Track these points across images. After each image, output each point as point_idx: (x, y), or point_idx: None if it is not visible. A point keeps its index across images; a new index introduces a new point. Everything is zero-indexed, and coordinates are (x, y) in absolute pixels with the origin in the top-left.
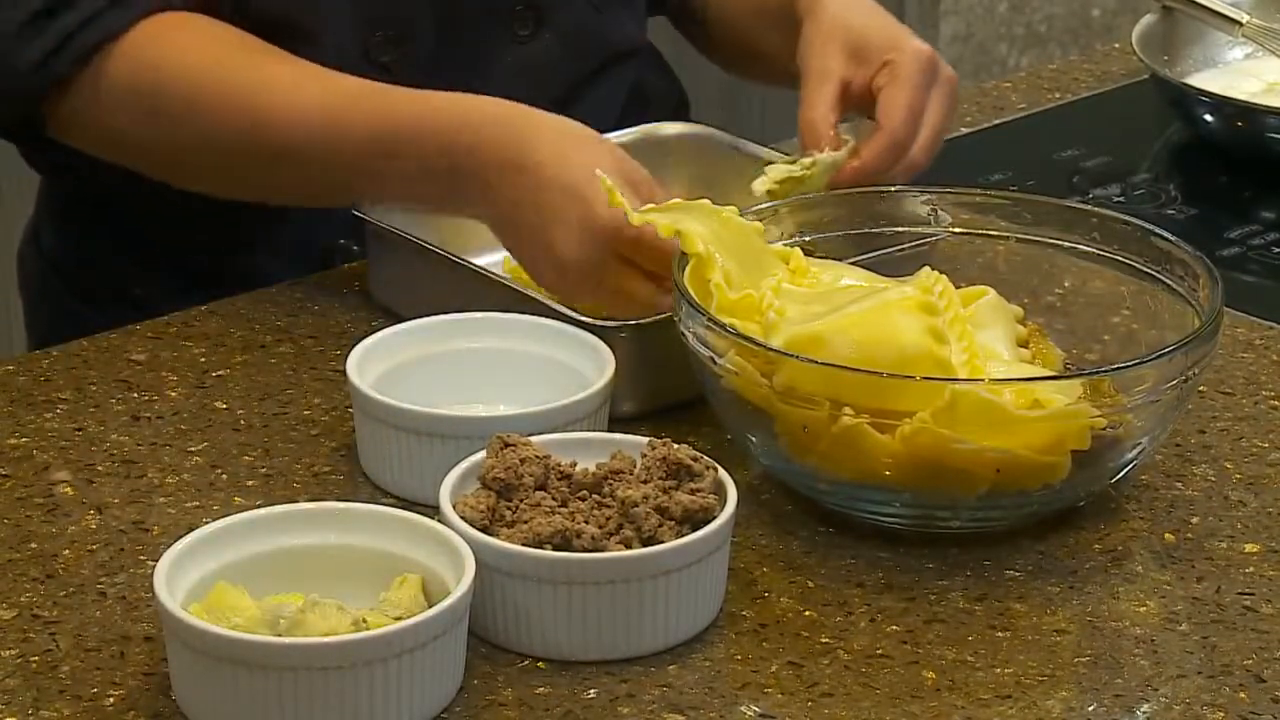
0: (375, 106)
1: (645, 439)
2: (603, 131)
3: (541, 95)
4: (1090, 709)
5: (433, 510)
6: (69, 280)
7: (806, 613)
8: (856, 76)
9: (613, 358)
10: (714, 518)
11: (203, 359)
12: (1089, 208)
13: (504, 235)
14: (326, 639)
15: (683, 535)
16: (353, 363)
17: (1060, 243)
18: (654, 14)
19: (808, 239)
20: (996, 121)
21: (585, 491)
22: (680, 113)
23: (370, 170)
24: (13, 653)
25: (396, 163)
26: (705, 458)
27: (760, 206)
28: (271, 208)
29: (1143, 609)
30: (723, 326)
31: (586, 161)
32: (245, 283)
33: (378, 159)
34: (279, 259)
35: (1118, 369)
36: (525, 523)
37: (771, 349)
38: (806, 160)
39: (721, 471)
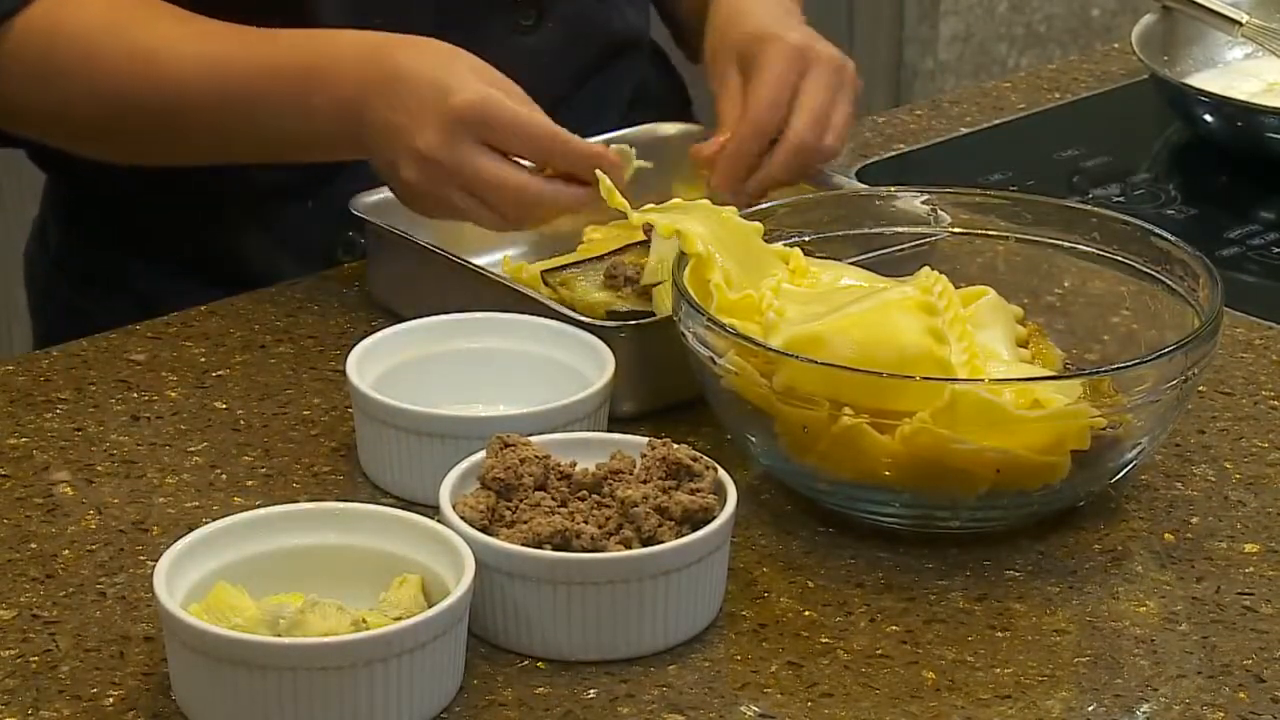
0: (255, 54)
1: (645, 439)
2: (604, 129)
3: (542, 86)
4: (1090, 709)
5: (433, 510)
6: (73, 277)
7: (806, 613)
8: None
9: (613, 358)
10: (714, 518)
11: (203, 359)
12: (1089, 208)
13: (367, 146)
14: (326, 639)
15: (683, 535)
16: (353, 363)
17: (1060, 243)
18: None
19: (808, 239)
20: (996, 121)
21: (585, 491)
22: (683, 111)
23: (248, 119)
24: (13, 653)
25: (267, 106)
26: (705, 458)
27: (760, 206)
28: (275, 202)
29: (1143, 609)
30: (723, 326)
31: (442, 57)
32: (248, 279)
33: (253, 105)
34: (282, 254)
35: (1118, 369)
36: (525, 523)
37: (771, 349)
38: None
39: (721, 471)
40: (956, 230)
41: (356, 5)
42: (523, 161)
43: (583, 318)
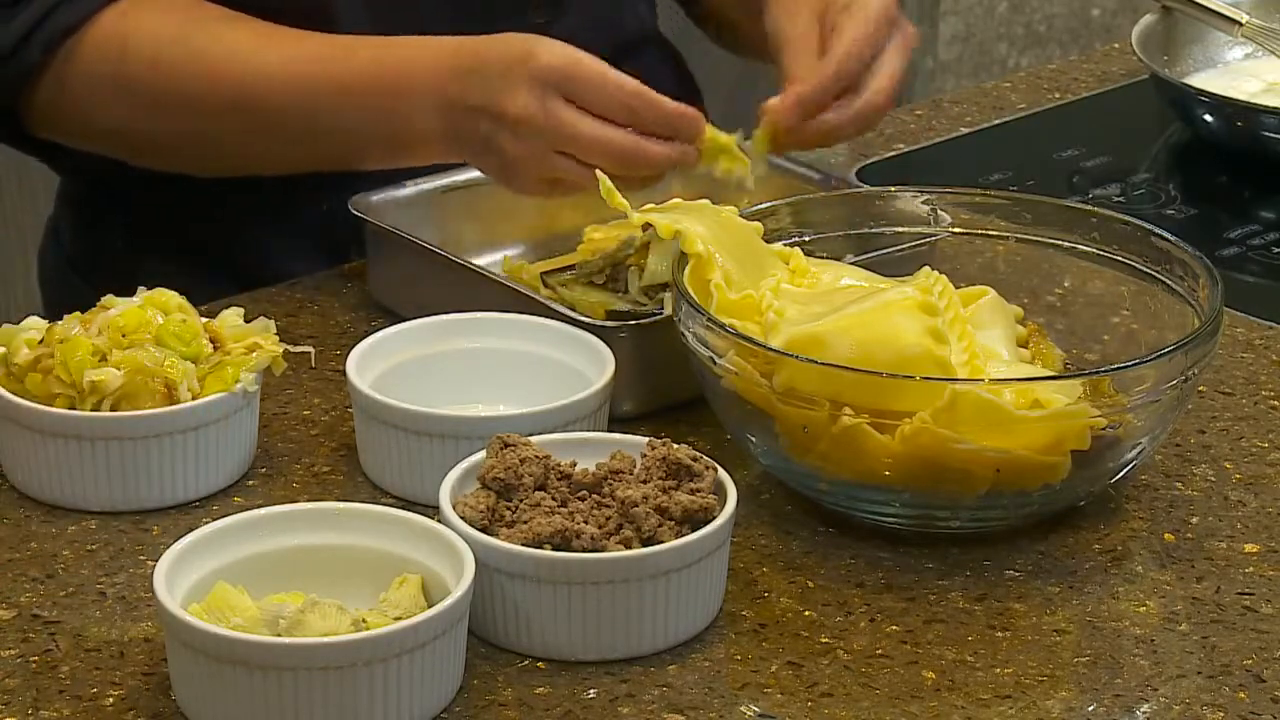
0: (336, 61)
1: (645, 439)
2: None
3: None
4: (1090, 709)
5: (433, 510)
6: (86, 275)
7: (806, 613)
8: (823, 32)
9: (613, 358)
10: (714, 518)
11: None
12: (1089, 208)
13: (461, 138)
14: (326, 639)
15: (683, 535)
16: (353, 363)
17: (1060, 243)
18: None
19: (808, 239)
20: (996, 121)
21: (585, 491)
22: (692, 106)
23: (338, 121)
24: (13, 653)
25: (352, 113)
26: (705, 458)
27: (760, 206)
28: (285, 199)
29: (1143, 609)
30: (723, 326)
31: (520, 37)
32: (257, 278)
33: (343, 108)
34: (289, 254)
35: (1118, 369)
36: (525, 523)
37: (771, 349)
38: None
39: (721, 471)
40: (956, 230)
41: (372, 2)
42: None
43: (583, 318)
